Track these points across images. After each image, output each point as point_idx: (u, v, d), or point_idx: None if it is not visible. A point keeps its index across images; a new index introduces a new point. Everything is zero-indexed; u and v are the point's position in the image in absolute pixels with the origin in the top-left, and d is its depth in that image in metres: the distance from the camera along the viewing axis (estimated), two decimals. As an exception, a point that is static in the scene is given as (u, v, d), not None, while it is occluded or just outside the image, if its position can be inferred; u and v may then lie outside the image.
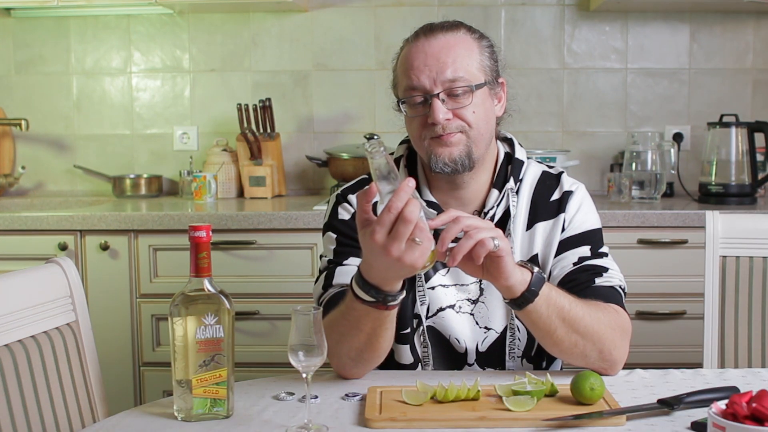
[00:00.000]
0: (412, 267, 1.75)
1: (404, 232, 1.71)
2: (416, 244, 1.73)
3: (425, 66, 2.06)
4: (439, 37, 2.10)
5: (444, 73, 2.05)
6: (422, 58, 2.07)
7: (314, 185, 4.56)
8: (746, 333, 2.56)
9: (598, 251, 2.20)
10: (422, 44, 2.09)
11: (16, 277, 1.92)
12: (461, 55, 2.09)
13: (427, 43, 2.09)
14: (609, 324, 2.02)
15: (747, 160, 4.01)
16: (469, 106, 2.07)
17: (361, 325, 1.94)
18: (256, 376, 2.13)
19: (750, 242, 2.57)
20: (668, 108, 4.46)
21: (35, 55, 4.54)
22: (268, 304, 3.68)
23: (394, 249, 1.72)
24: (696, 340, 2.83)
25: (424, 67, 2.06)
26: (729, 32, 4.42)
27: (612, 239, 2.92)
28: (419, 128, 2.10)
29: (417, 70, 2.06)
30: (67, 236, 3.66)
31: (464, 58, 2.09)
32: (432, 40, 2.09)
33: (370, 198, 1.77)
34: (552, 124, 4.48)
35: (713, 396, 1.77)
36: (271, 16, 4.47)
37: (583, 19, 4.44)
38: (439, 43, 2.08)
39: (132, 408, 1.89)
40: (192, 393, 1.77)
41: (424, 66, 2.06)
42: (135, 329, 3.71)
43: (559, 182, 2.26)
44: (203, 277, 1.77)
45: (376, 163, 1.76)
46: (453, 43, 2.09)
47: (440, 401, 1.83)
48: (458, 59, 2.07)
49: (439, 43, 2.09)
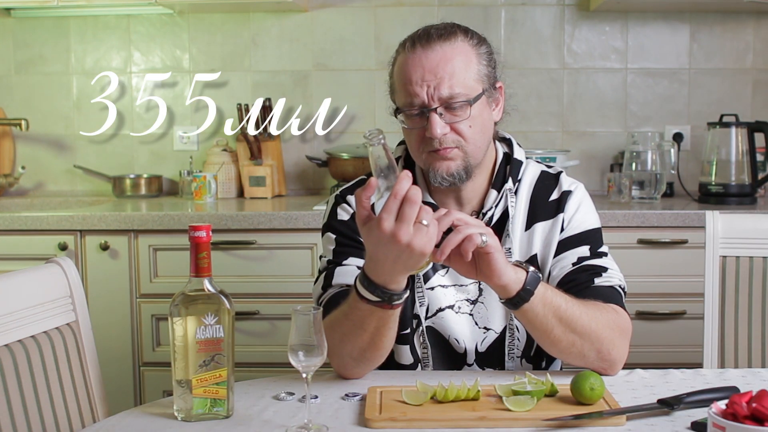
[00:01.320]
0: (422, 253, 1.76)
1: (411, 213, 1.72)
2: (424, 226, 1.74)
3: (423, 81, 2.04)
4: (436, 49, 2.06)
5: (441, 88, 2.03)
6: (420, 72, 2.05)
7: (314, 185, 4.56)
8: (746, 333, 2.56)
9: (597, 251, 2.19)
10: (419, 56, 2.06)
11: (16, 277, 1.92)
12: (459, 68, 2.06)
13: (425, 56, 2.06)
14: (607, 324, 2.02)
15: (747, 160, 4.01)
16: (466, 120, 2.06)
17: (365, 325, 1.94)
18: (256, 376, 2.13)
19: (750, 242, 2.57)
20: (668, 108, 4.46)
21: (35, 55, 4.54)
22: (268, 304, 3.68)
23: (403, 233, 1.73)
24: (696, 340, 2.83)
25: (422, 82, 2.04)
26: (729, 32, 4.42)
27: (612, 239, 2.92)
28: (417, 141, 2.09)
29: (415, 85, 2.05)
30: (67, 236, 3.66)
31: (461, 72, 2.07)
32: (429, 52, 2.06)
33: (370, 192, 1.77)
34: (552, 124, 4.48)
35: (713, 396, 1.77)
36: (271, 16, 4.47)
37: (583, 19, 4.44)
38: (436, 56, 2.06)
39: (132, 408, 1.90)
40: (192, 393, 1.77)
41: (422, 81, 2.04)
42: (135, 329, 3.71)
43: (558, 182, 2.26)
44: (203, 277, 1.77)
45: (374, 152, 1.78)
46: (450, 56, 2.07)
47: (440, 401, 1.83)
48: (456, 73, 2.06)
49: (436, 55, 2.06)
